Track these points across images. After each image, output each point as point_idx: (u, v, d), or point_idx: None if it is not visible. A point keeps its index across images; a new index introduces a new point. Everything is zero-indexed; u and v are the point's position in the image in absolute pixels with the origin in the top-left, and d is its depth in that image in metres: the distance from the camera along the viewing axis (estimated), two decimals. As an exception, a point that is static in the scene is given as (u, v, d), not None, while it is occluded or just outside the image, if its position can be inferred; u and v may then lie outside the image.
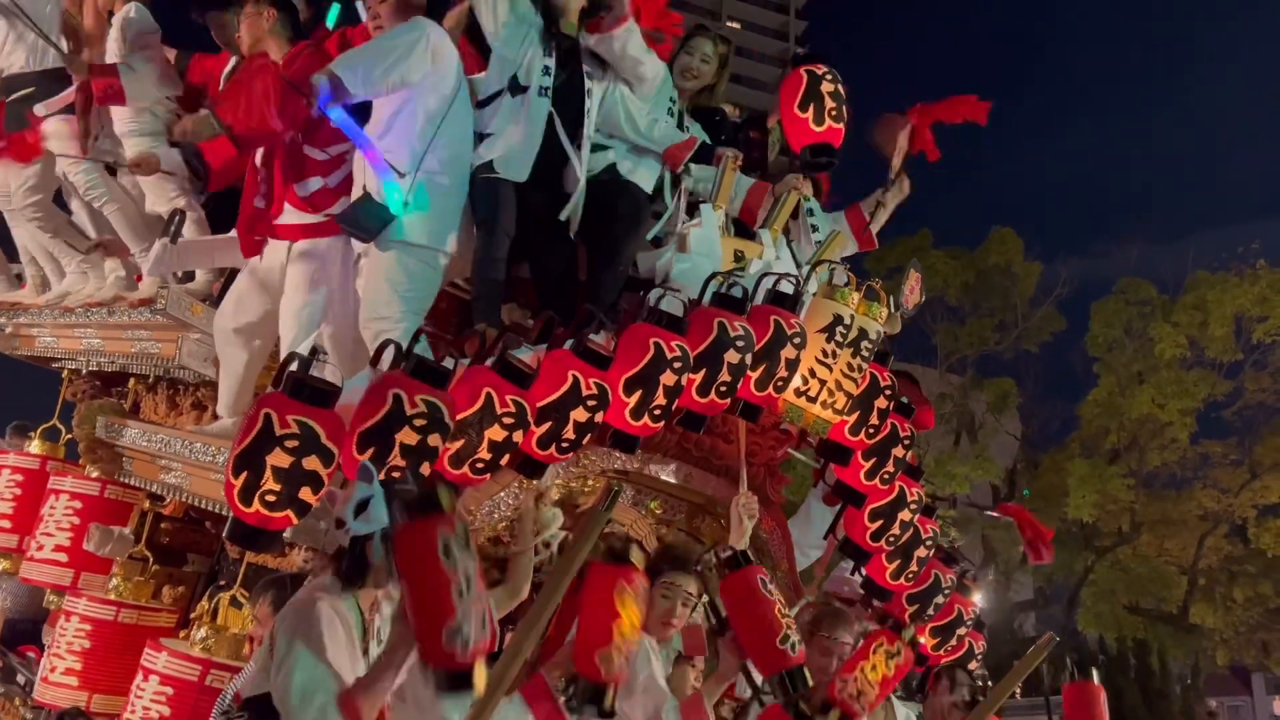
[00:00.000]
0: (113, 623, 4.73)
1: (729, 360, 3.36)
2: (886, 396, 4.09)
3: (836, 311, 3.77)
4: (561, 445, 3.09)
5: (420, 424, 2.73)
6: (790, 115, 4.31)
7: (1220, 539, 19.97)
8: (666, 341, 3.19)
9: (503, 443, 2.94)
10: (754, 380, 3.53)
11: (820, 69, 4.32)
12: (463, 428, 2.88)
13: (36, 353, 5.73)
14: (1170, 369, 19.42)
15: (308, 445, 2.65)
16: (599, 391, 3.07)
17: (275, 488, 2.65)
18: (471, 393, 2.89)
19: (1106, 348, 20.22)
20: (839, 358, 3.78)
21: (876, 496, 4.54)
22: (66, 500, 5.24)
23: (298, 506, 2.71)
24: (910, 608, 5.02)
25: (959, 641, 5.21)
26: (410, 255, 3.69)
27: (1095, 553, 20.10)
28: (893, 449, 4.34)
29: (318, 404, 2.69)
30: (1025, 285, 20.68)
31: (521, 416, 2.95)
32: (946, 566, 5.10)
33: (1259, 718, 33.07)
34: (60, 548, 5.14)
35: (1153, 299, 20.14)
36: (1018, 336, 21.15)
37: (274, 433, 2.64)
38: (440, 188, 3.78)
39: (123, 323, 4.97)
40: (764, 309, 3.56)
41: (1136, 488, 19.73)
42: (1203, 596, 19.80)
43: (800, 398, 3.77)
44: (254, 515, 2.69)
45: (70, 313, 5.24)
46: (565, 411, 3.03)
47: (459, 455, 2.91)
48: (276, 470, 2.64)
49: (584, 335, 3.09)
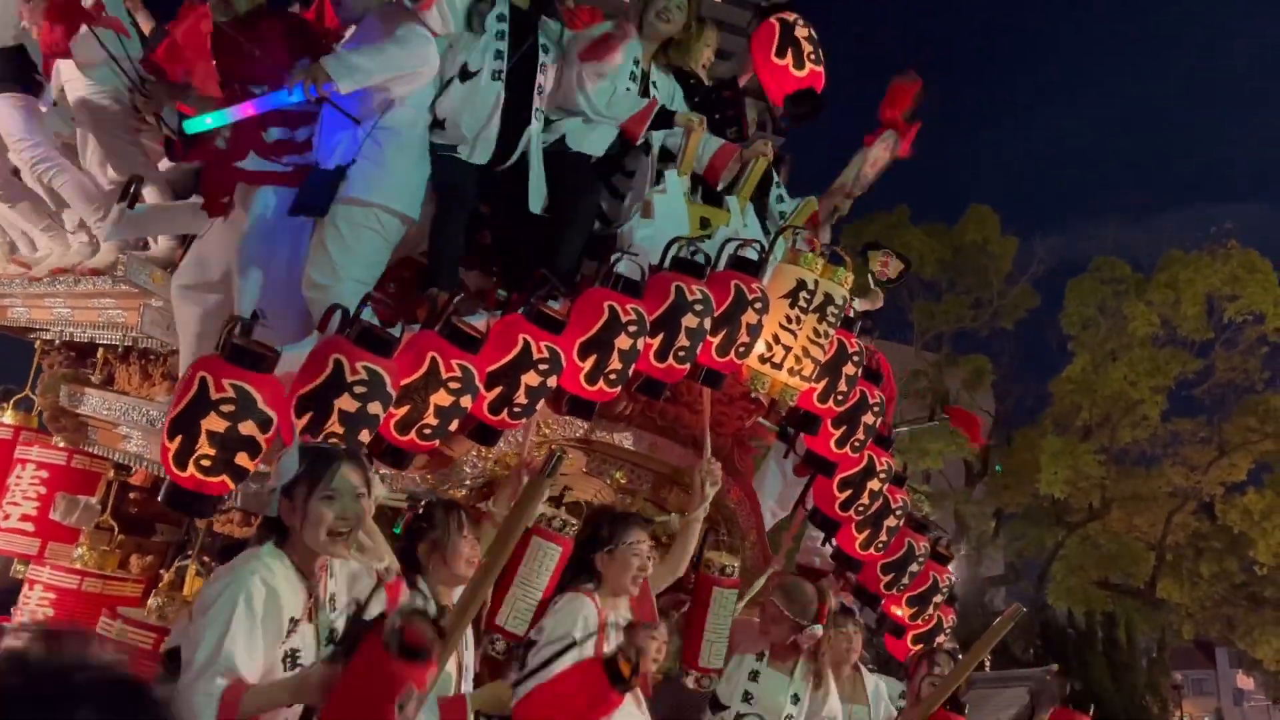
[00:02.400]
0: (76, 591, 4.60)
1: (687, 324, 3.21)
2: (854, 363, 3.94)
3: (800, 277, 3.61)
4: (514, 410, 2.93)
5: (360, 391, 2.61)
6: (768, 65, 4.11)
7: (1188, 515, 19.91)
8: (621, 305, 3.04)
9: (450, 408, 2.78)
10: (715, 346, 3.37)
11: (790, 16, 4.13)
12: (408, 393, 2.72)
13: (9, 323, 5.55)
14: (1143, 347, 19.28)
15: (244, 410, 2.54)
16: (550, 355, 2.92)
17: (210, 452, 2.55)
18: (416, 358, 2.75)
19: (1081, 325, 20.06)
20: (804, 323, 3.62)
21: (846, 465, 4.41)
22: (33, 470, 5.11)
23: (234, 471, 2.60)
24: (884, 577, 4.91)
25: (935, 610, 5.09)
26: (353, 212, 3.45)
27: (1066, 528, 20.05)
28: (862, 416, 4.20)
29: (255, 368, 2.57)
30: (1001, 263, 20.43)
31: (469, 381, 2.79)
32: (919, 534, 4.98)
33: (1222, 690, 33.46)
34: (27, 517, 5.02)
35: (1127, 277, 19.98)
36: (993, 314, 20.94)
37: (209, 397, 2.53)
38: (397, 143, 3.55)
39: (88, 291, 4.78)
40: (725, 274, 3.40)
41: (1107, 464, 19.60)
42: (1170, 572, 19.74)
43: (765, 364, 3.61)
44: (189, 480, 2.59)
45: (38, 282, 5.06)
46: (516, 376, 2.88)
47: (405, 421, 2.76)
48: (211, 435, 2.54)
49: (536, 299, 2.92)
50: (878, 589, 4.93)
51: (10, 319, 5.50)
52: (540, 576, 3.40)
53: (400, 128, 3.56)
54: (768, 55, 4.06)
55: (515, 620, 3.37)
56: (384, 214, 3.53)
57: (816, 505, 4.68)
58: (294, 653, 2.34)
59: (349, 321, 2.70)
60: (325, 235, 3.50)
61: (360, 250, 3.49)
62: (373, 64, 3.44)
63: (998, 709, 9.64)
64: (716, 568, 4.25)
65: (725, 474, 4.45)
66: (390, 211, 3.55)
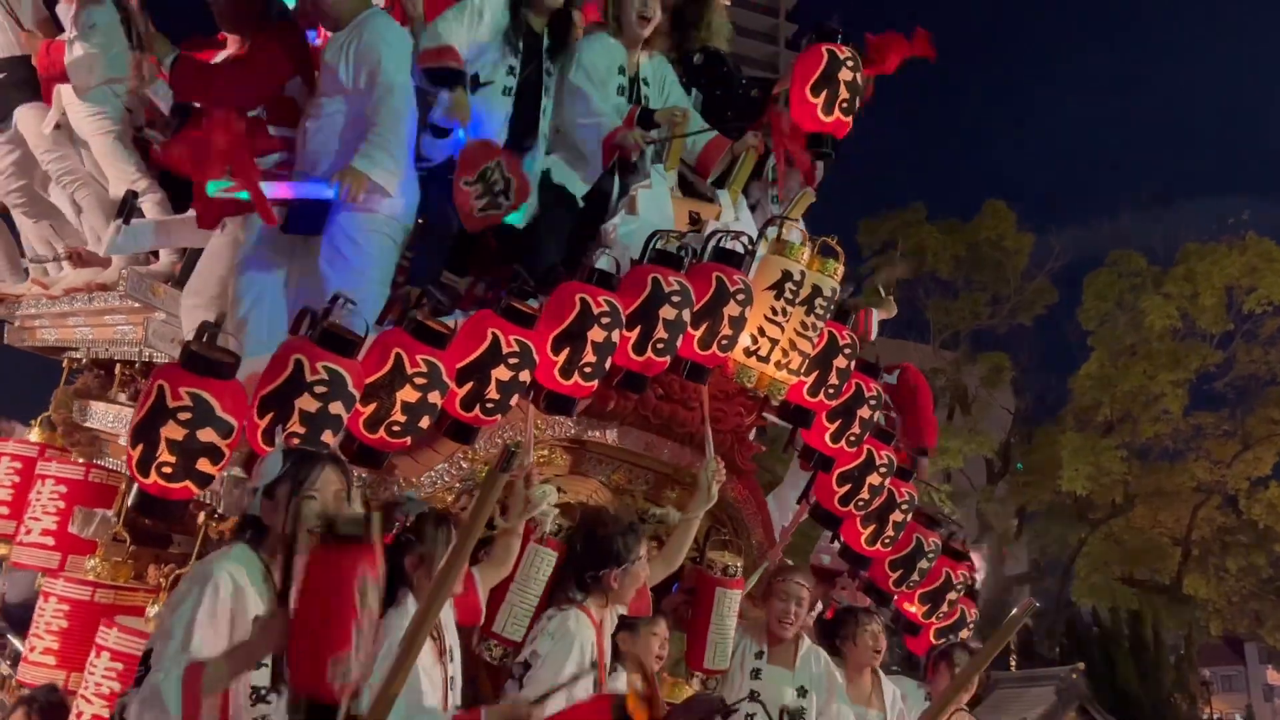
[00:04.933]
0: (88, 603, 4.48)
1: (664, 316, 3.06)
2: (846, 355, 3.75)
3: (785, 268, 3.43)
4: (486, 406, 2.80)
5: (321, 391, 2.51)
6: (800, 95, 3.80)
7: (1213, 510, 19.18)
8: (594, 297, 2.92)
9: (418, 404, 2.66)
10: (697, 339, 3.21)
11: (844, 52, 3.79)
12: (374, 390, 2.59)
13: (40, 344, 5.53)
14: (1162, 341, 18.64)
15: (202, 417, 2.47)
16: (521, 349, 2.79)
17: (171, 459, 2.48)
18: (381, 355, 2.64)
19: (1099, 320, 19.39)
20: (790, 316, 3.44)
21: (844, 460, 4.21)
22: (52, 484, 5.02)
23: (196, 477, 2.53)
24: (893, 574, 4.69)
25: (950, 608, 4.85)
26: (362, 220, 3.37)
27: (1089, 525, 19.38)
28: (858, 410, 4.01)
29: (213, 375, 2.50)
30: (1018, 258, 19.75)
31: (435, 377, 2.67)
32: (929, 530, 4.76)
33: (1252, 687, 32.33)
34: (47, 531, 4.92)
35: (1143, 270, 19.30)
36: (1011, 310, 20.25)
37: (167, 405, 2.47)
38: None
39: (100, 308, 4.75)
40: (707, 266, 3.25)
41: (1130, 460, 18.87)
42: (1196, 567, 19.04)
43: (750, 357, 3.44)
44: (153, 486, 2.52)
45: (57, 301, 5.02)
46: (486, 371, 2.76)
47: (373, 419, 2.66)
48: (171, 442, 2.47)
49: (507, 294, 2.78)
50: (887, 586, 4.72)
51: (40, 340, 5.48)
52: (536, 582, 3.27)
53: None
54: (804, 86, 3.76)
55: (513, 626, 3.23)
56: (391, 221, 3.45)
57: (818, 501, 4.48)
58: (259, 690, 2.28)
59: (315, 321, 2.60)
60: (340, 246, 3.41)
61: (376, 255, 3.41)
62: (399, 154, 3.34)
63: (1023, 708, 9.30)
64: (719, 568, 4.05)
65: (728, 472, 4.28)
66: (395, 219, 3.47)
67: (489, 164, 3.34)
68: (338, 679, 1.89)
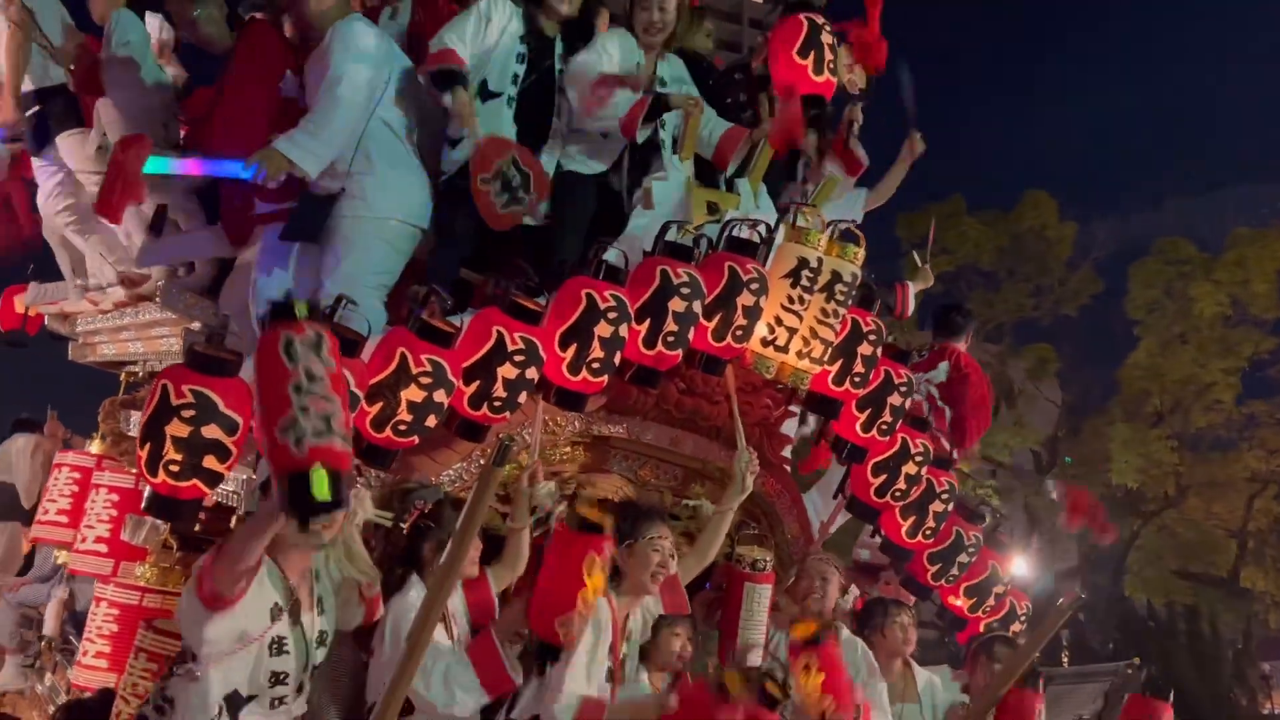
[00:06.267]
0: (137, 607, 4.51)
1: (674, 309, 2.94)
2: (871, 342, 3.58)
3: (801, 255, 3.28)
4: (494, 404, 2.72)
5: None
6: (787, 60, 3.74)
7: (1269, 500, 18.18)
8: (599, 292, 2.82)
9: (423, 404, 2.60)
10: (711, 330, 3.08)
11: (819, 18, 3.77)
12: (380, 390, 2.52)
13: (100, 359, 5.61)
14: (1212, 328, 17.79)
15: (205, 414, 2.42)
16: (526, 346, 2.71)
17: (177, 457, 2.43)
18: (387, 355, 2.59)
19: (1146, 309, 18.51)
20: (809, 304, 3.29)
21: (877, 449, 4.04)
22: (105, 494, 5.08)
23: (204, 475, 2.48)
24: (932, 567, 4.50)
25: (998, 601, 4.64)
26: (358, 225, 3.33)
27: (1141, 518, 18.55)
28: (888, 398, 3.83)
29: (216, 373, 2.44)
30: (1061, 248, 18.91)
31: (440, 376, 2.60)
32: (969, 523, 4.55)
33: (1313, 682, 30.80)
34: (100, 539, 4.98)
35: (1192, 258, 18.42)
36: (1055, 301, 19.41)
37: (170, 403, 2.42)
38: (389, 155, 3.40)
39: (145, 321, 4.79)
40: (719, 256, 3.12)
41: (1181, 450, 18.08)
42: (1253, 559, 18.15)
43: (768, 347, 3.29)
44: (162, 485, 2.49)
45: (110, 316, 5.08)
46: (492, 368, 2.68)
47: (379, 418, 2.59)
48: (176, 440, 2.42)
49: (509, 291, 2.69)
50: (926, 579, 4.53)
51: (100, 355, 5.56)
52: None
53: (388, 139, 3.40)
54: (789, 51, 3.68)
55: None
56: (390, 224, 3.37)
57: (854, 493, 4.31)
58: (280, 640, 2.32)
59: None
60: (337, 249, 3.37)
61: (370, 259, 3.35)
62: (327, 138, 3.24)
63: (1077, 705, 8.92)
64: (748, 562, 3.91)
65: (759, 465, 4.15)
66: (397, 220, 3.39)
67: (502, 160, 3.26)
68: (292, 440, 1.86)
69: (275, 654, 2.33)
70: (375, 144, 3.34)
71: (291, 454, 1.86)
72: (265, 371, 1.96)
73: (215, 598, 2.22)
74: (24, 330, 5.82)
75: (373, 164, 3.32)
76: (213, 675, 2.31)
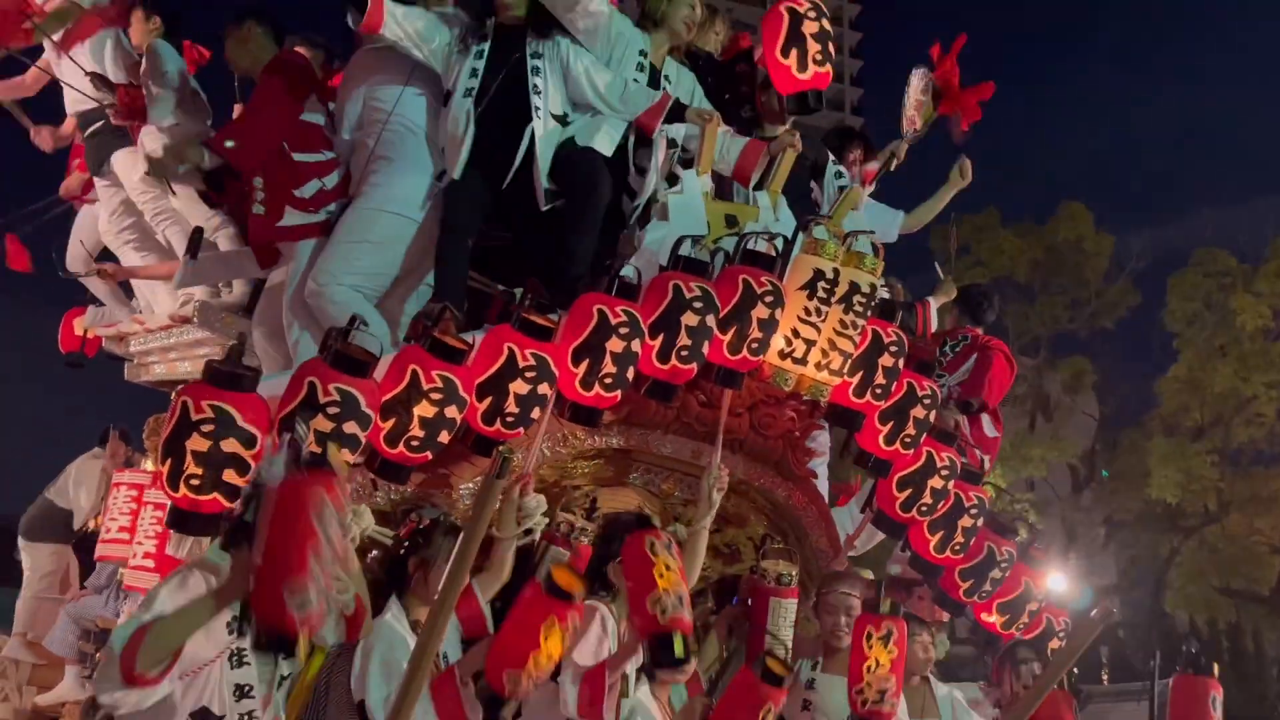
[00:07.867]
0: (177, 618, 4.57)
1: (687, 323, 2.89)
2: (893, 353, 3.49)
3: (817, 266, 3.21)
4: (507, 420, 2.70)
5: (334, 411, 2.46)
6: (773, 61, 3.70)
7: (1314, 516, 17.71)
8: (611, 307, 2.79)
9: (435, 419, 2.59)
10: (726, 344, 3.02)
11: (802, 5, 3.66)
12: (393, 406, 2.53)
13: (154, 379, 5.69)
14: (1254, 341, 17.21)
15: (224, 428, 2.43)
16: (538, 363, 2.69)
17: (198, 471, 2.45)
18: (399, 372, 2.59)
19: (1185, 322, 18.03)
20: (827, 315, 3.21)
21: (902, 463, 3.92)
22: (153, 510, 5.14)
23: (224, 489, 2.48)
24: (964, 584, 4.36)
25: (1032, 618, 4.48)
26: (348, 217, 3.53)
27: (1182, 534, 18.00)
28: (911, 410, 3.71)
29: (234, 388, 2.46)
30: (1098, 260, 18.57)
31: (452, 392, 2.59)
32: (1001, 538, 4.41)
33: (1358, 700, 29.31)
34: (149, 554, 5.04)
35: (1232, 269, 17.94)
36: (1092, 314, 19.04)
37: (190, 418, 2.44)
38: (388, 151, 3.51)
39: (191, 340, 4.85)
40: (734, 269, 3.07)
41: (1222, 465, 17.55)
42: (1297, 576, 17.60)
43: (786, 360, 3.22)
44: (183, 499, 2.49)
45: (155, 335, 5.16)
46: (503, 385, 2.66)
47: (392, 435, 2.58)
48: (196, 454, 2.44)
49: (520, 308, 2.68)
50: (958, 595, 4.39)
51: (153, 375, 5.63)
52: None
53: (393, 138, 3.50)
54: (773, 50, 3.65)
55: None
56: (380, 214, 3.46)
57: (880, 508, 4.20)
58: (240, 652, 2.23)
59: (325, 345, 2.57)
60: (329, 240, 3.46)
61: (353, 256, 3.43)
62: None
63: (1117, 724, 8.62)
64: (773, 577, 3.84)
65: (782, 479, 4.04)
66: (388, 213, 3.47)
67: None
68: (295, 608, 1.83)
69: (235, 665, 2.26)
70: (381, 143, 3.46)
71: (288, 620, 1.86)
72: (286, 521, 1.91)
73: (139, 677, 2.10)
74: (83, 352, 5.91)
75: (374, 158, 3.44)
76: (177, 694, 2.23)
